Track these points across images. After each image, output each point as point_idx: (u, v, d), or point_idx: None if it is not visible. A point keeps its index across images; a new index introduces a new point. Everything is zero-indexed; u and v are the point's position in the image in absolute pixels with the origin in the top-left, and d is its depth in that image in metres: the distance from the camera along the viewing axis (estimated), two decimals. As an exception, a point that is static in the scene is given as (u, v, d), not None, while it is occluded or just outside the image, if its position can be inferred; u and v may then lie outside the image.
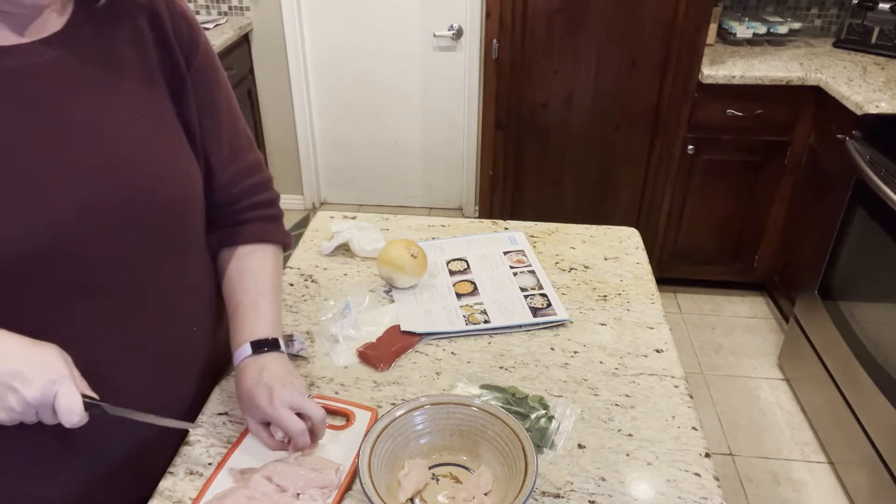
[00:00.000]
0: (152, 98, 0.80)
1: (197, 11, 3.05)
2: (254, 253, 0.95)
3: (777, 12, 2.82)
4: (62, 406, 0.68)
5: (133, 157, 0.76)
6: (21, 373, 0.67)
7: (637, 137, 2.50)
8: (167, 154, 0.81)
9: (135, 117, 0.77)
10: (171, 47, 0.81)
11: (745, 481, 2.03)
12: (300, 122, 3.28)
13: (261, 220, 0.96)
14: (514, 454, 0.79)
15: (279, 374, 0.84)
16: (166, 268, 0.84)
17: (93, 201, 0.72)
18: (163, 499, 0.81)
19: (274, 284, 0.94)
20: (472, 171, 3.35)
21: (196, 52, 0.84)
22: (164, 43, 0.80)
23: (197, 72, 0.84)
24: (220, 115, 0.89)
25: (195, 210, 0.87)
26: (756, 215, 2.62)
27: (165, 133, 0.81)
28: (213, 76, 0.87)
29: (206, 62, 0.86)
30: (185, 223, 0.86)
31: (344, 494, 0.80)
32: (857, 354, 1.91)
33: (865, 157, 1.92)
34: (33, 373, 0.67)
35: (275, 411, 0.81)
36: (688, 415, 0.93)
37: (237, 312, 0.90)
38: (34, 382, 0.67)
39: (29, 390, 0.67)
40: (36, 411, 0.68)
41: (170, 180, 0.81)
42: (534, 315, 1.11)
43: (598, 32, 2.31)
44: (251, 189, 0.95)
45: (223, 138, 0.90)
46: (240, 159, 0.93)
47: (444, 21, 3.00)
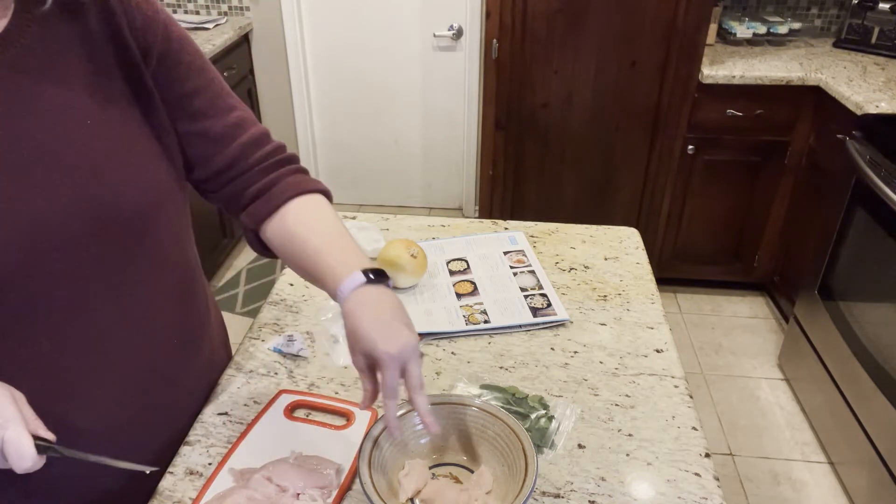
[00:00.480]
0: (108, 101, 0.73)
1: (196, 11, 3.05)
2: (306, 203, 0.86)
3: (777, 12, 2.82)
4: (11, 452, 0.63)
5: (91, 168, 0.71)
6: None
7: (637, 137, 2.50)
8: (128, 160, 0.74)
9: (88, 124, 0.71)
10: (125, 43, 0.73)
11: (745, 481, 2.03)
12: (300, 122, 3.28)
13: (291, 175, 0.88)
14: (515, 454, 0.79)
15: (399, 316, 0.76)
16: (138, 280, 0.78)
17: (51, 219, 0.67)
18: (163, 499, 0.80)
19: (343, 226, 0.86)
20: (472, 171, 3.35)
21: (155, 42, 0.75)
22: (119, 39, 0.73)
23: (162, 60, 0.77)
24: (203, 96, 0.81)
25: (165, 216, 0.81)
26: (756, 215, 2.62)
27: (126, 138, 0.75)
28: (184, 59, 0.79)
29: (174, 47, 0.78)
30: (155, 231, 0.80)
31: (344, 494, 0.80)
32: (857, 354, 1.91)
33: (865, 157, 1.92)
34: None
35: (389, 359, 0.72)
36: (688, 415, 0.93)
37: (324, 253, 0.81)
38: None
39: None
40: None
41: (134, 188, 0.75)
42: (534, 315, 1.11)
43: (598, 32, 2.31)
44: (267, 154, 0.87)
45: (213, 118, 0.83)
46: (243, 133, 0.86)
47: (444, 21, 3.00)
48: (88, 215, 0.70)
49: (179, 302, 0.87)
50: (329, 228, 0.84)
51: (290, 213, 0.85)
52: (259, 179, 0.86)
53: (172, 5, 3.05)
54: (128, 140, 0.75)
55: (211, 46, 2.60)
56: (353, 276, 0.76)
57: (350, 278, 0.76)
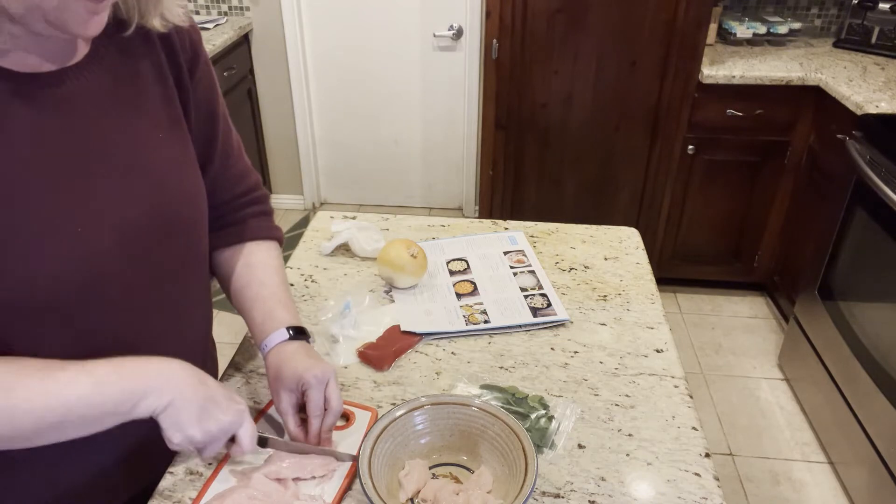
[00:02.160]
0: (171, 118, 0.81)
1: (196, 11, 3.05)
2: (258, 249, 0.97)
3: (777, 12, 2.82)
4: (246, 435, 0.75)
5: (162, 179, 0.79)
6: (215, 398, 0.73)
7: (637, 137, 2.50)
8: (188, 174, 0.84)
9: (160, 138, 0.79)
10: (179, 64, 0.82)
11: (745, 481, 2.03)
12: (300, 123, 3.28)
13: (257, 217, 0.99)
14: (514, 454, 0.79)
15: (319, 357, 0.88)
16: (182, 281, 0.86)
17: (130, 222, 0.75)
18: (163, 499, 0.80)
19: (285, 278, 0.98)
20: (472, 171, 3.35)
21: (198, 63, 0.85)
22: (174, 61, 0.81)
23: (198, 82, 0.85)
24: (218, 123, 0.90)
25: (204, 223, 0.89)
26: (756, 215, 2.62)
27: (185, 153, 0.83)
28: (212, 85, 0.89)
29: (206, 71, 0.87)
30: (201, 238, 0.89)
31: (344, 494, 0.80)
32: (857, 354, 1.91)
33: (865, 157, 1.92)
34: (224, 400, 0.74)
35: (313, 379, 0.82)
36: (688, 415, 0.93)
37: (258, 302, 0.92)
38: (228, 409, 0.74)
39: (225, 415, 0.73)
40: (215, 438, 0.73)
41: (191, 199, 0.84)
42: (534, 315, 1.11)
43: (598, 32, 2.31)
44: (245, 190, 0.98)
45: (220, 145, 0.92)
46: (233, 166, 0.95)
47: (444, 21, 3.00)
48: (163, 219, 0.79)
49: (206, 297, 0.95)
50: (270, 280, 0.94)
51: (243, 254, 0.96)
52: (230, 213, 0.96)
53: (172, 5, 3.05)
54: (183, 154, 0.83)
55: (211, 46, 2.60)
56: (278, 332, 0.88)
57: (275, 333, 0.88)
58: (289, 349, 0.87)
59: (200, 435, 0.72)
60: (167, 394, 0.70)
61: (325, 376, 0.83)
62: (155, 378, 0.71)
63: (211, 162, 0.91)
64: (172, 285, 0.83)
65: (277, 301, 0.92)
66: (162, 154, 0.79)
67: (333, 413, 0.84)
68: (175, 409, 0.70)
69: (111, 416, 0.69)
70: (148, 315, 0.81)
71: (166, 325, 0.84)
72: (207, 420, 0.72)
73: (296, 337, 0.89)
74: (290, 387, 0.84)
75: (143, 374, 0.70)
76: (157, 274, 0.80)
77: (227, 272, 0.96)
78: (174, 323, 0.86)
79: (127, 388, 0.69)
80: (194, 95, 0.85)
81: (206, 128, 0.88)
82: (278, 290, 0.94)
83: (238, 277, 0.95)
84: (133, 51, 0.77)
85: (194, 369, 0.74)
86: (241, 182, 0.97)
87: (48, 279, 0.68)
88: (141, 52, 0.78)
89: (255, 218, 0.98)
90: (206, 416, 0.72)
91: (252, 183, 0.99)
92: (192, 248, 0.86)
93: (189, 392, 0.71)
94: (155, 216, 0.77)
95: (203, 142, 0.88)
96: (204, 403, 0.72)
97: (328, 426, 0.84)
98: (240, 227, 0.97)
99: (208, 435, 0.72)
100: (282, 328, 0.88)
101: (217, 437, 0.73)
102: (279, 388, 0.85)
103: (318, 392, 0.83)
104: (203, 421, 0.72)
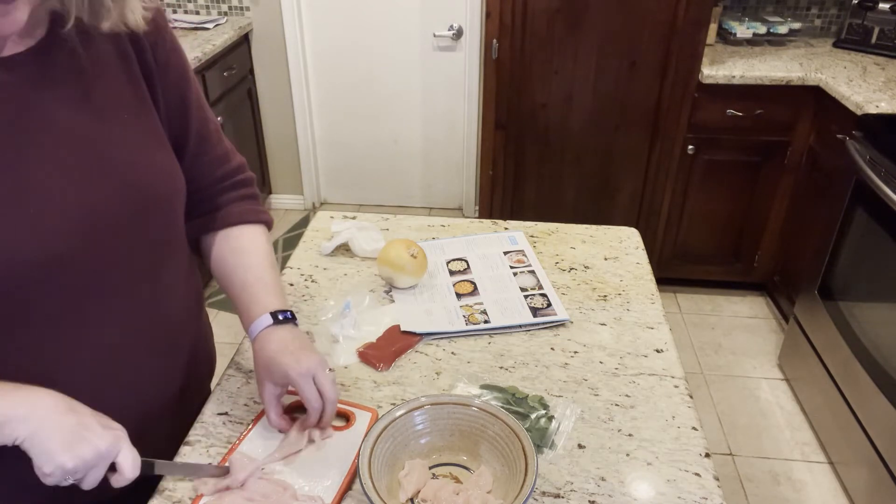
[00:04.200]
0: (136, 98, 0.81)
1: (196, 11, 3.05)
2: (244, 233, 0.97)
3: (777, 12, 2.82)
4: (127, 460, 0.71)
5: (128, 158, 0.78)
6: (87, 424, 0.69)
7: (637, 137, 2.50)
8: (156, 153, 0.83)
9: (123, 118, 0.79)
10: (142, 45, 0.81)
11: (745, 481, 2.03)
12: (300, 123, 3.28)
13: (242, 201, 0.98)
14: (514, 454, 0.79)
15: (304, 345, 0.87)
16: (162, 261, 0.86)
17: (98, 205, 0.74)
18: (163, 499, 0.80)
19: (272, 261, 0.96)
20: (472, 171, 3.35)
21: (163, 41, 0.84)
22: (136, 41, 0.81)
23: (166, 64, 0.85)
24: (191, 105, 0.89)
25: (180, 202, 0.89)
26: (756, 215, 2.62)
27: (152, 132, 0.83)
28: (181, 66, 0.88)
29: (174, 52, 0.86)
30: (176, 217, 0.88)
31: (344, 494, 0.80)
32: (857, 354, 1.91)
33: (865, 157, 1.92)
34: (98, 426, 0.70)
35: (300, 377, 0.82)
36: (688, 415, 0.93)
37: (245, 289, 0.92)
38: (103, 435, 0.69)
39: (101, 441, 0.68)
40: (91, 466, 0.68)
41: (162, 178, 0.83)
42: (534, 315, 1.11)
43: (597, 32, 2.31)
44: (227, 173, 0.97)
45: (194, 128, 0.90)
46: (212, 149, 0.94)
47: (444, 21, 3.00)
48: (129, 201, 0.78)
49: (187, 278, 0.94)
50: (257, 263, 0.94)
51: (228, 238, 0.96)
52: (213, 197, 0.96)
53: (172, 5, 3.05)
54: (153, 135, 0.83)
55: (211, 46, 2.60)
56: (262, 318, 0.88)
57: (259, 319, 0.88)
58: (273, 337, 0.87)
59: (73, 462, 0.66)
60: (32, 422, 0.66)
61: (310, 371, 0.83)
62: (17, 406, 0.67)
63: (186, 145, 0.90)
64: (144, 262, 0.82)
65: (263, 286, 0.92)
66: (127, 135, 0.79)
67: (330, 402, 0.84)
68: (41, 437, 0.66)
69: None
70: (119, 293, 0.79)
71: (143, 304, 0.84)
72: (80, 446, 0.67)
73: (282, 322, 0.88)
74: (275, 380, 0.85)
75: (5, 402, 0.67)
76: (126, 252, 0.79)
77: (214, 258, 0.96)
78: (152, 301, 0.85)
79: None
80: (162, 77, 0.84)
81: (177, 109, 0.87)
82: (264, 275, 0.93)
83: (224, 263, 0.95)
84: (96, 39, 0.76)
85: (64, 398, 0.70)
86: (222, 166, 0.96)
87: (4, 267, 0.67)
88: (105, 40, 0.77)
89: (239, 202, 0.98)
90: (78, 443, 0.67)
91: (234, 166, 0.98)
92: (165, 226, 0.86)
93: (56, 418, 0.67)
94: (121, 196, 0.77)
95: (176, 125, 0.88)
96: (75, 429, 0.68)
97: (328, 418, 0.85)
98: (224, 211, 0.96)
99: (82, 462, 0.67)
100: (266, 313, 0.88)
101: (93, 463, 0.68)
102: (264, 378, 0.86)
103: (308, 387, 0.83)
104: (75, 447, 0.67)
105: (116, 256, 0.78)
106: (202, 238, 0.97)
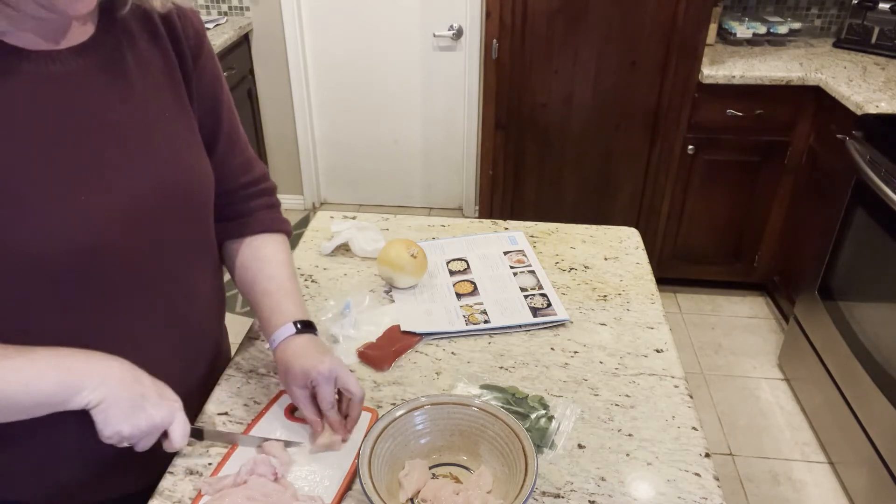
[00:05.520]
0: (176, 99, 0.84)
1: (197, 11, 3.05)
2: (267, 242, 0.99)
3: (777, 12, 2.82)
4: (177, 430, 0.76)
5: (170, 156, 0.81)
6: (147, 395, 0.75)
7: (637, 137, 2.50)
8: (194, 153, 0.86)
9: (166, 117, 0.82)
10: (183, 52, 0.84)
11: (745, 481, 2.03)
12: (300, 123, 3.28)
13: (265, 210, 1.01)
14: (514, 454, 0.79)
15: (325, 350, 0.89)
16: (192, 259, 0.89)
17: (138, 196, 0.77)
18: (163, 499, 0.81)
19: (293, 270, 0.99)
20: (472, 171, 3.35)
21: (201, 51, 0.87)
22: (177, 45, 0.84)
23: (202, 70, 0.87)
24: (222, 110, 0.92)
25: (212, 204, 0.91)
26: (756, 215, 2.62)
27: (191, 132, 0.86)
28: (215, 73, 0.91)
29: (210, 59, 0.89)
30: (208, 218, 0.91)
31: (344, 494, 0.80)
32: (857, 354, 1.91)
33: (865, 157, 1.92)
34: (157, 397, 0.75)
35: (320, 377, 0.84)
36: (688, 415, 0.93)
37: (266, 297, 0.94)
38: (160, 406, 0.75)
39: (157, 412, 0.75)
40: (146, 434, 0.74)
41: (198, 179, 0.86)
42: (534, 315, 1.11)
43: (598, 32, 2.31)
44: (253, 181, 0.99)
45: (225, 131, 0.93)
46: (239, 154, 0.97)
47: (444, 21, 3.00)
48: (171, 195, 0.81)
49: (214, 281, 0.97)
50: (279, 273, 0.96)
51: (252, 246, 0.98)
52: (237, 204, 0.98)
53: (172, 5, 3.05)
54: (190, 136, 0.85)
55: (211, 46, 2.60)
56: (285, 327, 0.90)
57: (283, 328, 0.90)
58: (295, 344, 0.88)
59: (129, 430, 0.73)
60: (99, 390, 0.72)
61: (332, 373, 0.84)
62: (91, 374, 0.72)
63: (216, 147, 0.92)
64: (177, 261, 0.85)
65: (285, 294, 0.94)
66: (170, 133, 0.82)
67: (357, 399, 0.86)
68: (106, 405, 0.72)
69: (46, 406, 0.71)
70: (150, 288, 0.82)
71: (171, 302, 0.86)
72: (137, 416, 0.73)
73: (303, 331, 0.90)
74: (299, 384, 0.86)
75: (81, 369, 0.72)
76: (162, 248, 0.82)
77: (237, 265, 0.98)
78: (180, 301, 0.88)
79: (63, 382, 0.71)
80: (198, 82, 0.87)
81: (210, 114, 0.90)
82: (286, 284, 0.95)
83: (247, 271, 0.97)
84: (137, 36, 0.79)
85: (132, 367, 0.76)
86: (248, 172, 0.99)
87: (51, 246, 0.70)
88: (145, 38, 0.80)
89: (263, 210, 1.00)
90: (136, 413, 0.73)
91: (259, 174, 1.00)
92: (199, 226, 0.89)
93: (121, 389, 0.73)
94: (162, 192, 0.79)
95: (208, 127, 0.90)
96: (135, 400, 0.73)
97: (355, 415, 0.87)
98: (248, 218, 0.99)
99: (137, 430, 0.73)
100: (289, 322, 0.90)
101: (147, 432, 0.75)
102: (289, 383, 0.87)
103: (326, 388, 0.84)
104: (133, 417, 0.73)
105: (149, 253, 0.80)
106: (225, 243, 0.99)
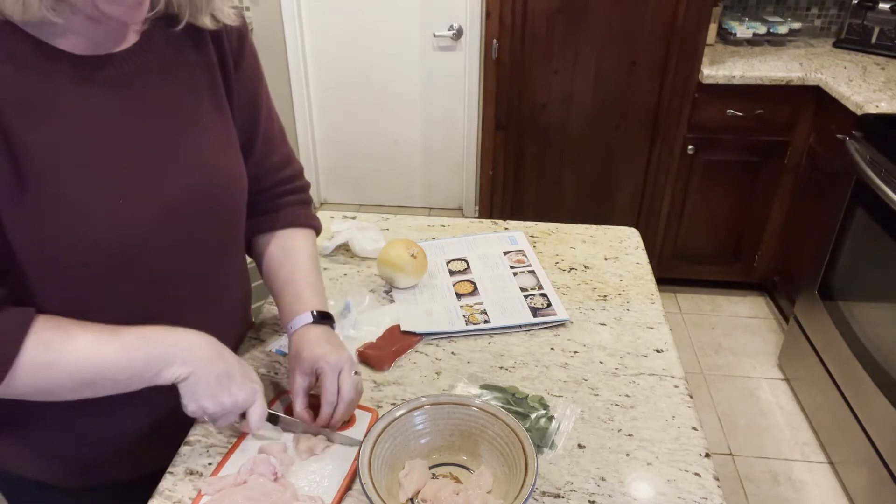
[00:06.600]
0: (216, 105, 0.85)
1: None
2: (295, 235, 1.01)
3: (777, 12, 2.82)
4: (255, 413, 0.80)
5: (205, 162, 0.83)
6: (231, 374, 0.78)
7: (637, 137, 2.50)
8: (231, 158, 0.88)
9: (205, 122, 0.83)
10: (225, 56, 0.86)
11: (745, 481, 2.03)
12: (300, 123, 3.28)
13: (296, 205, 1.03)
14: (514, 454, 0.79)
15: (338, 344, 0.90)
16: (224, 258, 0.92)
17: (171, 201, 0.78)
18: (163, 499, 0.80)
19: (318, 264, 1.01)
20: (472, 171, 3.34)
21: (243, 56, 0.89)
22: (221, 53, 0.85)
23: (243, 73, 0.89)
24: (260, 111, 0.94)
25: (244, 207, 0.93)
26: (756, 215, 2.62)
27: (230, 137, 0.88)
28: (256, 76, 0.93)
29: (252, 63, 0.91)
30: (239, 220, 0.93)
31: (344, 494, 0.81)
32: (857, 354, 1.91)
33: (865, 157, 1.92)
34: (240, 377, 0.79)
35: (327, 367, 0.85)
36: (688, 415, 0.93)
37: (289, 285, 0.95)
38: (243, 386, 0.78)
39: (241, 392, 0.78)
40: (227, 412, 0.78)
41: (232, 182, 0.88)
42: (534, 315, 1.11)
43: (598, 32, 2.31)
44: (286, 178, 1.01)
45: (262, 132, 0.95)
46: (276, 151, 0.99)
47: (444, 21, 3.00)
48: (204, 200, 0.82)
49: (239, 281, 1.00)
50: (304, 265, 0.98)
51: (281, 238, 1.00)
52: (268, 199, 1.00)
53: (172, 5, 3.05)
54: (227, 139, 0.87)
55: (211, 46, 2.60)
56: (303, 315, 0.91)
57: (301, 316, 0.91)
58: (311, 333, 0.90)
59: (213, 407, 0.76)
60: (189, 365, 0.75)
61: (339, 364, 0.85)
62: (179, 349, 0.75)
63: (253, 148, 0.94)
64: (207, 264, 0.87)
65: (308, 285, 0.95)
66: (207, 137, 0.83)
67: (344, 402, 0.86)
68: (194, 379, 0.75)
69: (137, 380, 0.74)
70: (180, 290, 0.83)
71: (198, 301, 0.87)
72: (222, 394, 0.76)
73: (320, 321, 0.91)
74: (305, 370, 0.87)
75: (170, 344, 0.75)
76: (193, 252, 0.83)
77: (265, 255, 1.00)
78: (207, 301, 0.89)
79: (153, 357, 0.74)
80: (238, 85, 0.88)
81: (248, 115, 0.92)
82: (310, 275, 0.97)
83: (273, 259, 0.99)
84: (182, 42, 0.81)
85: (217, 344, 0.78)
86: (284, 169, 1.01)
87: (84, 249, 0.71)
88: (189, 44, 0.82)
89: (295, 206, 1.02)
90: (220, 390, 0.76)
91: (294, 172, 1.03)
92: (229, 230, 0.90)
93: (209, 366, 0.76)
94: (195, 196, 0.81)
95: (246, 129, 0.92)
96: (221, 378, 0.76)
97: (338, 416, 0.86)
98: (280, 213, 1.01)
99: (220, 407, 0.77)
100: (307, 311, 0.91)
101: (229, 410, 0.78)
102: (295, 368, 0.88)
103: (331, 379, 0.85)
104: (217, 394, 0.76)
105: (181, 253, 0.81)
106: (256, 237, 1.01)
